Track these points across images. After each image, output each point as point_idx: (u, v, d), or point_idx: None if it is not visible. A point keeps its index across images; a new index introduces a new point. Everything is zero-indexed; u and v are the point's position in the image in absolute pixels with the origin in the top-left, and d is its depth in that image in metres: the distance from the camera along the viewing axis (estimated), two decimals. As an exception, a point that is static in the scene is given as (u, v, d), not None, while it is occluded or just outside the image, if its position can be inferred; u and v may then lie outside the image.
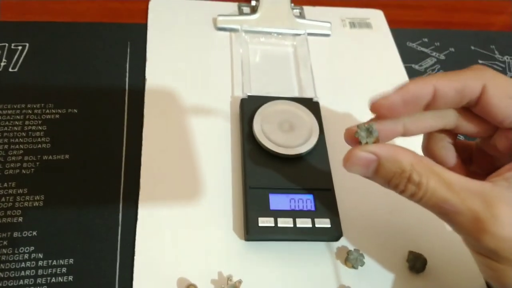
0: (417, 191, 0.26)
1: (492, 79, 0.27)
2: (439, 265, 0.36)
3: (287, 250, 0.35)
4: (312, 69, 0.46)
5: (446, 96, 0.28)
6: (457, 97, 0.28)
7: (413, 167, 0.26)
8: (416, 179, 0.26)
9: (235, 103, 0.43)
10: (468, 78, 0.27)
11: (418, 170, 0.26)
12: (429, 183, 0.26)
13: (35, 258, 0.32)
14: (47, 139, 0.38)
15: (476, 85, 0.27)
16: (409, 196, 0.27)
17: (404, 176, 0.26)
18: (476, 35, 0.56)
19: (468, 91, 0.28)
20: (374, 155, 0.27)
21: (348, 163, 0.28)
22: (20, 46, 0.45)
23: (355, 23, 0.53)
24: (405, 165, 0.26)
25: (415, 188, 0.26)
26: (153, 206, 0.36)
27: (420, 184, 0.26)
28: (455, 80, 0.28)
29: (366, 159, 0.27)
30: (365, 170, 0.28)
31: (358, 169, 0.28)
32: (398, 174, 0.27)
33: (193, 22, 0.49)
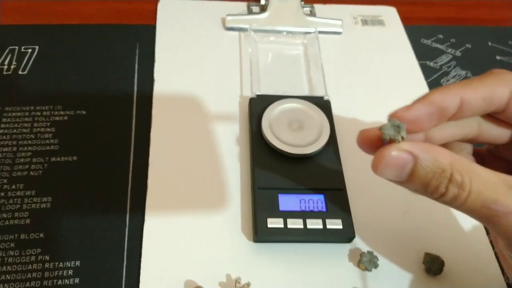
0: (460, 193, 0.23)
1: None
2: (457, 267, 0.34)
3: (297, 252, 0.34)
4: (323, 67, 0.45)
5: (473, 105, 0.26)
6: (484, 105, 0.26)
7: (453, 166, 0.23)
8: (458, 179, 0.23)
9: (244, 103, 0.42)
10: (495, 85, 0.26)
11: (459, 169, 0.23)
12: (472, 183, 0.23)
13: (41, 260, 0.32)
14: (55, 140, 0.38)
15: (504, 91, 0.26)
16: (450, 199, 0.24)
17: (444, 176, 0.23)
18: (494, 31, 0.54)
19: (496, 98, 0.26)
20: (409, 154, 0.24)
21: (381, 166, 0.25)
22: (30, 49, 0.45)
23: (368, 20, 0.52)
24: (445, 163, 0.24)
25: (458, 189, 0.23)
26: (160, 207, 0.35)
27: (463, 185, 0.23)
28: (481, 88, 0.26)
29: (401, 159, 0.24)
30: (400, 173, 0.24)
31: (392, 172, 0.24)
32: (438, 175, 0.24)
33: (202, 22, 0.49)
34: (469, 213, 0.24)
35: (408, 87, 0.46)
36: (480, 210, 0.24)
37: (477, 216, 0.24)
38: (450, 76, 0.48)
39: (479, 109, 0.26)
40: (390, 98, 0.44)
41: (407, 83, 0.47)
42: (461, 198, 0.24)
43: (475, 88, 0.26)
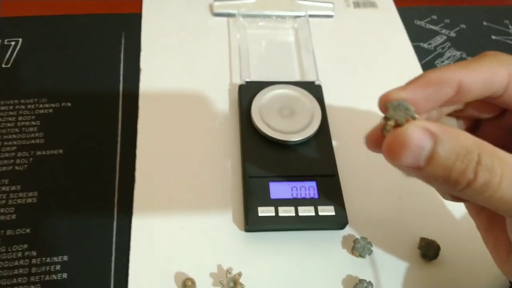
0: (492, 178, 0.20)
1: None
2: (453, 252, 0.34)
3: (289, 240, 0.33)
4: (314, 52, 0.44)
5: (472, 89, 0.24)
6: (483, 89, 0.24)
7: (480, 148, 0.20)
8: (488, 162, 0.20)
9: (233, 90, 0.41)
10: (494, 67, 0.24)
11: (488, 151, 0.20)
12: (504, 168, 0.20)
13: (28, 256, 0.31)
14: (40, 134, 0.37)
15: (504, 73, 0.24)
16: (480, 187, 0.20)
17: (471, 158, 0.20)
18: (488, 10, 0.53)
19: (496, 80, 0.24)
20: (428, 133, 0.20)
21: (395, 148, 0.21)
22: (13, 41, 0.44)
23: (360, 2, 0.51)
24: (470, 143, 0.20)
25: (490, 174, 0.20)
26: (149, 200, 0.34)
27: (494, 169, 0.20)
28: (481, 71, 0.24)
29: (418, 139, 0.20)
30: (417, 156, 0.20)
31: (409, 155, 0.20)
32: (462, 156, 0.20)
33: (188, 8, 0.48)
34: (500, 203, 0.21)
35: (402, 69, 0.45)
36: None
37: (510, 208, 0.21)
38: (444, 57, 0.47)
39: (477, 93, 0.24)
40: (383, 82, 0.43)
41: (400, 65, 0.46)
42: (494, 185, 0.20)
43: (475, 70, 0.24)
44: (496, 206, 0.21)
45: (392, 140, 0.21)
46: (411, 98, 0.23)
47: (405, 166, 0.21)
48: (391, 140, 0.21)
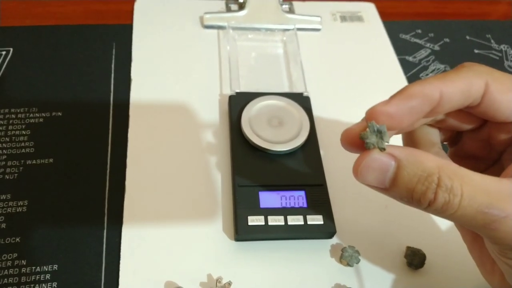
0: (452, 199, 0.21)
1: (491, 74, 0.25)
2: (439, 260, 0.34)
3: (278, 249, 0.34)
4: (302, 64, 0.45)
5: (452, 99, 0.25)
6: (462, 99, 0.25)
7: (441, 170, 0.22)
8: (447, 183, 0.21)
9: (223, 101, 0.42)
10: (471, 77, 0.25)
11: (447, 172, 0.22)
12: (463, 187, 0.21)
13: (18, 264, 0.31)
14: (31, 143, 0.38)
15: (480, 83, 0.25)
16: (441, 207, 0.22)
17: (431, 180, 0.22)
18: (472, 24, 0.55)
19: (474, 90, 0.25)
20: (391, 157, 0.22)
21: (361, 170, 0.23)
22: (4, 51, 0.44)
23: (346, 16, 0.52)
24: (431, 166, 0.22)
25: (449, 195, 0.21)
26: (139, 209, 0.35)
27: (454, 189, 0.21)
28: (459, 81, 0.25)
29: (382, 162, 0.22)
30: (382, 177, 0.23)
31: (374, 176, 0.23)
32: (423, 179, 0.22)
33: (179, 20, 0.48)
34: (463, 221, 0.22)
35: (388, 82, 0.46)
36: (475, 217, 0.22)
37: (472, 224, 0.22)
38: (429, 70, 0.49)
39: (457, 103, 0.25)
40: (369, 93, 0.44)
41: (386, 78, 0.47)
42: (454, 205, 0.22)
43: (453, 81, 0.25)
44: (462, 223, 0.23)
45: (359, 162, 0.23)
46: (394, 112, 0.24)
47: (372, 187, 0.24)
48: (358, 162, 0.23)
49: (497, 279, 0.28)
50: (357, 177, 0.24)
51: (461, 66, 0.26)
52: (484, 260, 0.28)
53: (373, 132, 0.23)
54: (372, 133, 0.23)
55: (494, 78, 0.25)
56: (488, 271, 0.28)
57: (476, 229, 0.23)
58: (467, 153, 0.30)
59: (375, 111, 0.24)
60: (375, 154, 0.23)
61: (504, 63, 0.51)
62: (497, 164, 0.29)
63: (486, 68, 0.26)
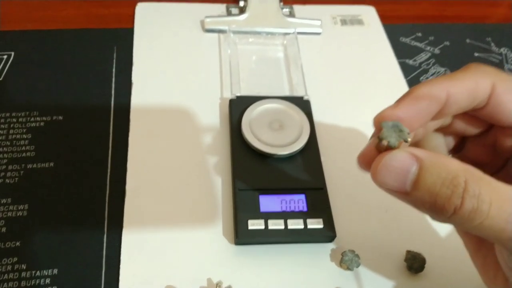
0: (480, 206, 0.19)
1: (497, 75, 0.24)
2: (439, 264, 0.34)
3: (279, 253, 0.34)
4: (302, 68, 0.45)
5: (459, 100, 0.24)
6: (469, 100, 0.24)
7: (467, 173, 0.20)
8: (475, 188, 0.19)
9: (224, 104, 0.42)
10: (478, 77, 0.24)
11: (474, 178, 0.20)
12: (492, 195, 0.19)
13: (18, 269, 0.31)
14: (31, 147, 0.38)
15: (487, 83, 0.24)
16: (467, 215, 0.20)
17: (457, 183, 0.20)
18: (472, 28, 0.55)
19: (480, 90, 0.24)
20: (413, 157, 0.21)
21: (380, 170, 0.21)
22: (6, 55, 0.44)
23: (347, 20, 0.52)
24: (457, 169, 0.20)
25: (477, 201, 0.19)
26: (139, 213, 0.35)
27: (482, 196, 0.19)
28: (466, 81, 0.24)
29: (404, 162, 0.21)
30: (403, 179, 0.21)
31: (394, 178, 0.21)
32: (448, 181, 0.20)
33: (180, 24, 0.48)
34: (489, 232, 0.20)
35: (388, 85, 0.46)
36: (504, 228, 0.20)
37: (500, 235, 0.20)
38: (429, 73, 0.49)
39: (463, 104, 0.25)
40: (370, 97, 0.44)
41: (386, 81, 0.47)
42: (482, 213, 0.19)
43: (460, 81, 0.24)
44: (486, 234, 0.21)
45: (378, 164, 0.21)
46: (404, 116, 0.23)
47: (392, 190, 0.22)
48: (377, 164, 0.21)
49: (500, 286, 0.27)
50: (375, 179, 0.22)
51: (467, 66, 0.25)
52: (487, 267, 0.28)
53: (390, 129, 0.21)
54: (390, 131, 0.21)
55: (501, 79, 0.24)
56: (490, 278, 0.28)
57: (502, 242, 0.21)
58: (470, 160, 0.30)
59: (384, 117, 0.23)
60: (396, 153, 0.21)
61: (504, 66, 0.51)
62: (502, 171, 0.29)
63: (492, 69, 0.25)
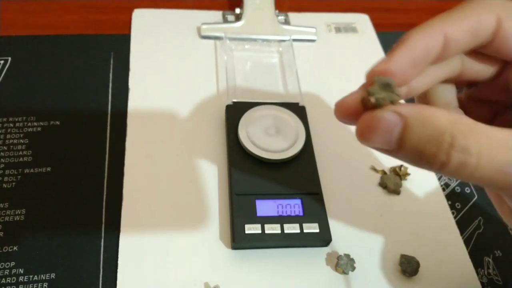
0: (468, 158, 0.19)
1: (503, 7, 0.22)
2: (432, 268, 0.35)
3: (275, 258, 0.34)
4: (298, 74, 0.45)
5: (458, 41, 0.22)
6: (470, 39, 0.23)
7: (454, 127, 0.19)
8: (462, 142, 0.19)
9: (220, 110, 0.42)
10: (479, 14, 0.22)
11: (462, 129, 0.19)
12: (481, 145, 0.19)
13: (15, 273, 0.32)
14: (28, 152, 0.38)
15: (490, 19, 0.22)
16: (456, 168, 0.20)
17: (442, 140, 0.19)
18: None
19: (483, 28, 0.22)
20: (397, 115, 0.20)
21: (364, 131, 0.21)
22: (3, 60, 0.44)
23: (341, 28, 0.53)
24: (443, 124, 0.19)
25: (464, 154, 0.19)
26: (136, 218, 0.35)
27: (470, 148, 0.19)
28: (465, 20, 0.22)
29: (388, 121, 0.20)
30: (388, 138, 0.20)
31: (379, 137, 0.21)
32: (434, 138, 0.19)
33: (177, 31, 0.49)
34: (482, 182, 0.20)
35: (382, 92, 0.47)
36: (495, 177, 0.19)
37: (492, 185, 0.21)
38: (422, 80, 0.49)
39: (464, 44, 0.23)
40: (364, 103, 0.45)
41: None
42: (471, 165, 0.19)
43: (458, 20, 0.22)
44: (481, 184, 0.21)
45: (363, 124, 0.21)
46: (397, 69, 0.22)
47: (377, 149, 0.21)
48: (362, 123, 0.21)
49: None
50: (361, 140, 0.21)
51: (468, 0, 0.23)
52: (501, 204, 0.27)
53: (381, 86, 0.20)
54: (381, 87, 0.20)
55: (509, 11, 0.22)
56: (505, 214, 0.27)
57: (497, 190, 0.21)
58: (483, 98, 0.28)
59: (376, 72, 0.22)
60: (381, 113, 0.20)
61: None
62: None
63: (498, 1, 0.23)
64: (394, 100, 0.20)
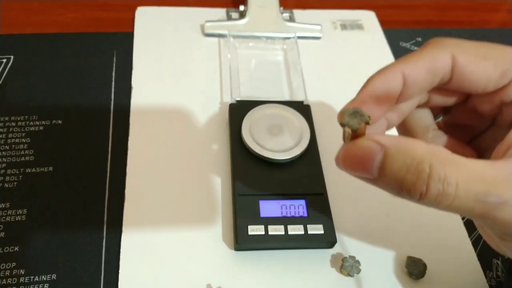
0: (446, 189, 0.20)
1: (457, 46, 0.24)
2: (440, 270, 0.34)
3: (279, 259, 0.33)
4: (302, 72, 0.45)
5: (418, 80, 0.24)
6: (429, 77, 0.24)
7: (432, 157, 0.20)
8: (440, 172, 0.20)
9: (224, 109, 0.42)
10: (435, 52, 0.24)
11: (440, 159, 0.20)
12: (458, 176, 0.20)
13: (16, 274, 0.31)
14: (30, 151, 0.37)
15: (446, 57, 0.24)
16: (435, 198, 0.20)
17: (421, 169, 0.20)
18: (472, 33, 0.55)
19: (439, 66, 0.24)
20: (377, 144, 0.21)
21: (344, 158, 0.22)
22: (5, 59, 0.44)
23: (347, 25, 0.52)
24: (421, 153, 0.20)
25: (443, 185, 0.20)
26: (138, 218, 0.35)
27: (448, 178, 0.20)
28: (422, 59, 0.24)
29: (368, 149, 0.21)
30: (368, 167, 0.21)
31: (359, 166, 0.22)
32: (413, 168, 0.20)
33: (180, 29, 0.48)
34: (460, 211, 0.21)
35: (388, 90, 0.46)
36: (473, 206, 0.20)
37: (470, 214, 0.21)
38: (429, 78, 0.49)
39: (424, 82, 0.25)
40: (370, 102, 0.44)
41: (387, 86, 0.47)
42: (449, 196, 0.20)
43: (415, 61, 0.24)
44: (459, 213, 0.21)
45: (344, 153, 0.22)
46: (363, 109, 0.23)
47: (359, 177, 0.22)
48: (344, 153, 0.22)
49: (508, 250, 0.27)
50: (341, 167, 0.23)
51: (426, 43, 0.25)
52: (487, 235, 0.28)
53: (351, 115, 0.22)
54: (351, 116, 0.22)
55: (461, 49, 0.24)
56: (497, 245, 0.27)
57: (474, 218, 0.22)
58: (458, 123, 0.29)
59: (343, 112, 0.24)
60: (361, 142, 0.21)
61: (504, 71, 0.51)
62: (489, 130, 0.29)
63: (452, 41, 0.25)
64: (367, 121, 0.21)
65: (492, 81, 0.24)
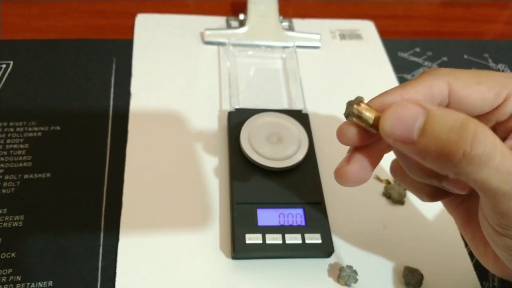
0: (491, 152, 0.20)
1: (451, 74, 0.25)
2: (437, 280, 0.34)
3: (276, 268, 0.33)
4: (301, 81, 0.45)
5: None
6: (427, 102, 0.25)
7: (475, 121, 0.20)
8: (482, 136, 0.20)
9: (223, 117, 0.42)
10: (431, 80, 0.25)
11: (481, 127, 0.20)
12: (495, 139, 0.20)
13: (13, 280, 0.31)
14: (28, 157, 0.37)
15: (441, 84, 0.25)
16: (478, 159, 0.20)
17: (466, 128, 0.20)
18: (469, 44, 0.55)
19: (436, 92, 0.25)
20: (420, 107, 0.21)
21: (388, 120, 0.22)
22: (4, 64, 0.44)
23: (345, 34, 0.53)
24: (463, 117, 0.20)
25: (484, 146, 0.20)
26: (136, 225, 0.34)
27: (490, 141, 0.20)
28: (419, 85, 0.25)
29: (412, 111, 0.21)
30: (410, 128, 0.21)
31: (402, 127, 0.21)
32: (456, 127, 0.20)
33: (180, 36, 0.49)
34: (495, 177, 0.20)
35: (386, 100, 0.46)
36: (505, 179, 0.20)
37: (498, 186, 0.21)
38: (427, 88, 0.49)
39: None
40: (368, 111, 0.44)
41: (385, 96, 0.47)
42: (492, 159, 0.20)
43: (413, 86, 0.25)
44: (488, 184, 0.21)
45: (390, 112, 0.22)
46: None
47: (398, 140, 0.22)
48: (390, 112, 0.22)
49: (491, 260, 0.28)
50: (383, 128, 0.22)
51: (422, 73, 0.26)
52: (477, 242, 0.29)
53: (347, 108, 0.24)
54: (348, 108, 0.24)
55: (455, 77, 0.25)
56: (481, 253, 0.29)
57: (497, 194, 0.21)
58: None
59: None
60: (402, 104, 0.22)
61: (501, 82, 0.51)
62: None
63: (446, 70, 0.26)
64: (361, 100, 0.24)
65: (488, 103, 0.25)
